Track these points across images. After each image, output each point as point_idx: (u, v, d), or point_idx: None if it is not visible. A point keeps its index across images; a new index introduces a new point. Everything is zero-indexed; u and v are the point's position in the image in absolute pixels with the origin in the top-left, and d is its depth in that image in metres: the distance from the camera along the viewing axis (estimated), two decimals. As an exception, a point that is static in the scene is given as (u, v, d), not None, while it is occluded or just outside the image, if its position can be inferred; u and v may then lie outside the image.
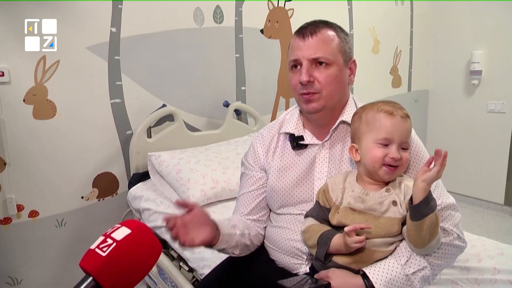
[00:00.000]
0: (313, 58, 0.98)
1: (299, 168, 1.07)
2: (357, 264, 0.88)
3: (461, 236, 0.94)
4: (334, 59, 0.99)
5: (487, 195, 3.22)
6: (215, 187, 1.73)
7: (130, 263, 0.47)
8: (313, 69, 0.99)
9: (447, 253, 0.92)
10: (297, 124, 1.10)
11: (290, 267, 1.04)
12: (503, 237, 2.66)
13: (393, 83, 3.30)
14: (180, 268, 1.48)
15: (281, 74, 2.57)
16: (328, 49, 0.99)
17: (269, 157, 1.13)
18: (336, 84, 1.00)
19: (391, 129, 0.88)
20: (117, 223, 0.52)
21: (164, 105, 2.06)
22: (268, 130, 1.17)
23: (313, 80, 0.99)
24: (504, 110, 3.06)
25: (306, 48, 0.99)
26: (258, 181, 1.14)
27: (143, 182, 1.92)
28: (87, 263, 0.46)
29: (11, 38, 1.65)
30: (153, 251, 0.50)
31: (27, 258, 1.83)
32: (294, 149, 1.09)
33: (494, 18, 3.03)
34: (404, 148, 0.90)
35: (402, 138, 0.89)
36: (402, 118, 0.89)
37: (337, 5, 2.82)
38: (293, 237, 1.03)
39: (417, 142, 1.01)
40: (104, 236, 0.48)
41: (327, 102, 1.01)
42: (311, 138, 1.08)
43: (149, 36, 2.02)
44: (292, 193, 1.06)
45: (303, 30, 1.02)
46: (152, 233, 0.51)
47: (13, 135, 1.71)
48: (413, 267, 0.87)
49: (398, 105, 0.93)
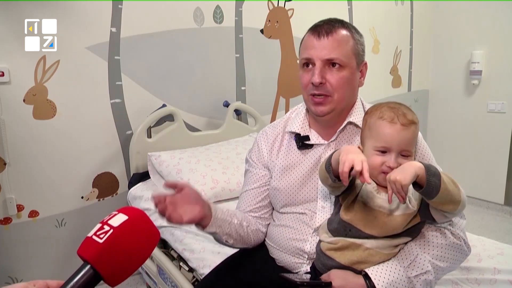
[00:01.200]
0: (327, 58, 0.97)
1: (303, 168, 1.06)
2: (359, 265, 0.87)
3: (467, 242, 0.94)
4: (348, 61, 0.98)
5: (487, 195, 3.22)
6: (215, 187, 1.74)
7: (127, 249, 0.46)
8: (326, 70, 0.98)
9: (454, 258, 0.91)
10: (303, 124, 1.09)
11: (291, 266, 1.04)
12: (503, 237, 2.66)
13: (393, 83, 3.30)
14: (180, 268, 1.48)
15: (281, 74, 2.57)
16: (342, 51, 0.97)
17: (273, 155, 1.12)
18: (347, 87, 0.99)
19: (389, 138, 0.86)
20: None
21: (164, 105, 2.06)
22: (273, 129, 1.16)
23: (325, 82, 0.97)
24: (504, 110, 3.06)
25: (321, 48, 0.97)
26: (261, 178, 1.13)
27: (143, 182, 1.92)
28: (84, 250, 0.45)
29: (11, 38, 1.65)
30: (151, 237, 0.50)
31: (27, 258, 1.83)
32: (300, 148, 1.08)
33: (494, 18, 3.03)
34: (404, 156, 0.87)
35: (402, 146, 0.86)
36: (403, 126, 0.86)
37: (337, 5, 2.82)
38: (295, 236, 1.03)
39: (422, 147, 0.99)
40: (101, 223, 0.47)
41: (337, 106, 1.00)
42: (316, 138, 1.07)
43: (149, 36, 2.02)
44: (297, 193, 1.06)
45: (318, 29, 0.99)
46: (149, 219, 0.50)
47: (13, 135, 1.71)
48: (416, 270, 0.86)
49: (403, 109, 0.89)
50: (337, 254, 0.89)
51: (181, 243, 1.49)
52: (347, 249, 0.88)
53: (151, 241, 0.50)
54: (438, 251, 0.90)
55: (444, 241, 0.90)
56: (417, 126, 0.89)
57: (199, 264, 1.37)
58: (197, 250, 1.41)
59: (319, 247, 0.94)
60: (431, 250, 0.89)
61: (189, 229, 1.55)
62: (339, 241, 0.90)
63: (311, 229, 1.02)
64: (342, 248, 0.89)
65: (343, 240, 0.89)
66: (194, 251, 1.42)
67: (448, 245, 0.90)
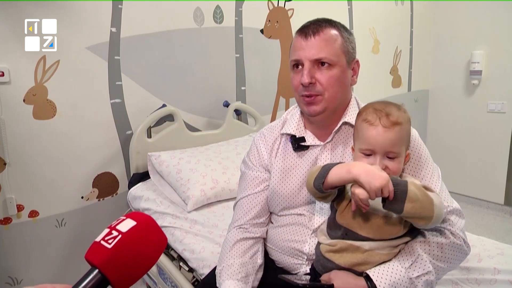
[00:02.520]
0: (315, 58, 0.97)
1: (301, 171, 1.05)
2: (360, 267, 0.87)
3: (467, 241, 0.94)
4: (337, 60, 0.97)
5: (487, 195, 3.22)
6: (215, 187, 1.74)
7: (136, 255, 0.47)
8: (315, 70, 0.97)
9: (454, 257, 0.91)
10: (298, 125, 1.08)
11: (290, 267, 1.03)
12: (503, 237, 2.66)
13: (393, 83, 3.30)
14: (180, 268, 1.48)
15: (281, 74, 2.57)
16: (331, 50, 0.96)
17: (272, 157, 1.11)
18: (338, 85, 0.99)
19: (372, 141, 0.86)
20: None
21: (164, 105, 2.06)
22: (270, 131, 1.15)
23: (314, 82, 0.97)
24: (504, 110, 3.06)
25: (309, 48, 0.97)
26: (263, 182, 1.11)
27: (143, 182, 1.92)
28: (93, 255, 0.45)
29: (11, 38, 1.65)
30: (158, 242, 0.50)
31: (27, 258, 1.83)
32: (296, 150, 1.07)
33: (494, 18, 3.03)
34: (391, 157, 0.87)
35: (387, 148, 0.85)
36: (385, 128, 0.85)
37: (337, 5, 2.82)
38: (294, 237, 1.02)
39: (418, 147, 0.98)
40: (109, 229, 0.47)
41: (329, 105, 0.99)
42: (312, 139, 1.06)
43: (149, 36, 2.02)
44: (296, 196, 1.05)
45: (305, 29, 0.99)
46: (157, 225, 0.51)
47: (13, 135, 1.71)
48: (417, 271, 0.86)
49: (387, 110, 0.87)
50: (336, 256, 0.89)
51: (181, 243, 1.49)
52: (346, 251, 0.88)
53: (159, 247, 0.50)
54: (438, 251, 0.89)
55: (444, 241, 0.90)
56: (402, 126, 0.87)
57: (199, 264, 1.37)
58: (197, 250, 1.42)
59: (319, 250, 0.94)
60: (431, 250, 0.89)
61: (189, 229, 1.55)
62: (337, 243, 0.89)
63: (309, 230, 1.01)
64: (340, 250, 0.88)
65: (342, 242, 0.89)
66: (194, 251, 1.42)
67: (448, 245, 0.90)
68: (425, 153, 0.99)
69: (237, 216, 1.11)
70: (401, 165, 0.89)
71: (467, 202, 3.31)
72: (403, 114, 0.88)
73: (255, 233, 1.07)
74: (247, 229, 1.07)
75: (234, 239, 1.05)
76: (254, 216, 1.09)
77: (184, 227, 1.56)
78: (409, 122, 0.90)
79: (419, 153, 0.98)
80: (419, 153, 0.98)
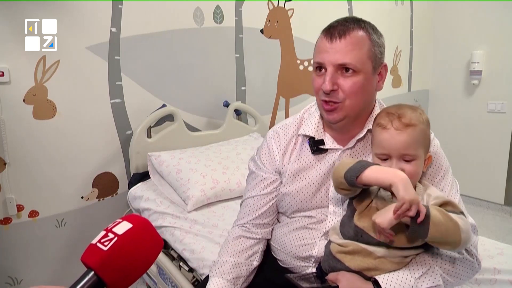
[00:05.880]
0: (339, 63, 0.91)
1: (317, 174, 1.01)
2: (369, 272, 0.85)
3: (479, 259, 0.92)
4: (362, 66, 0.91)
5: (487, 195, 3.22)
6: (215, 187, 1.74)
7: (131, 257, 0.47)
8: (338, 75, 0.92)
9: (464, 273, 0.89)
10: (318, 127, 1.03)
11: (296, 269, 1.02)
12: (503, 237, 2.66)
13: (393, 83, 3.30)
14: (180, 268, 1.48)
15: (281, 74, 2.57)
16: (356, 55, 0.90)
17: (285, 159, 1.07)
18: (361, 93, 0.94)
19: (385, 144, 0.86)
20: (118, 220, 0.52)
21: (164, 105, 2.06)
22: (285, 130, 1.10)
23: (336, 89, 0.93)
24: (504, 110, 3.06)
25: (333, 52, 0.91)
26: (271, 184, 1.07)
27: (143, 182, 1.92)
28: (89, 257, 0.46)
29: (11, 38, 1.65)
30: (154, 245, 0.50)
31: (27, 258, 1.83)
32: (314, 153, 1.03)
33: (494, 18, 3.03)
34: (407, 160, 0.85)
35: (401, 151, 0.84)
36: (398, 131, 0.84)
37: (337, 5, 2.82)
38: (304, 241, 1.00)
39: (439, 158, 0.96)
40: (105, 231, 0.48)
41: (349, 113, 0.95)
42: (331, 142, 1.02)
43: (149, 36, 2.02)
44: (310, 199, 1.02)
45: (331, 30, 0.93)
46: (153, 227, 0.51)
47: (13, 135, 1.71)
48: (427, 283, 0.84)
49: (400, 112, 0.86)
50: (347, 258, 0.87)
51: (181, 243, 1.49)
52: (357, 254, 0.87)
53: (155, 249, 0.50)
54: (450, 266, 0.88)
55: (457, 256, 0.88)
56: (416, 127, 0.85)
57: (199, 264, 1.37)
58: (197, 250, 1.41)
59: (328, 248, 0.92)
60: (443, 263, 0.88)
61: (189, 229, 1.55)
62: (350, 245, 0.88)
63: (320, 233, 0.99)
64: (352, 252, 0.87)
65: (355, 244, 0.87)
66: (194, 251, 1.42)
67: (461, 260, 0.89)
68: (446, 165, 0.97)
69: (241, 215, 1.10)
70: (419, 168, 0.87)
71: (467, 202, 3.30)
72: (418, 116, 0.87)
73: (256, 234, 1.06)
74: (249, 229, 1.07)
75: (234, 235, 1.05)
76: (258, 217, 1.07)
77: (184, 227, 1.56)
78: (426, 123, 0.88)
79: (440, 164, 0.96)
80: (440, 164, 0.96)
